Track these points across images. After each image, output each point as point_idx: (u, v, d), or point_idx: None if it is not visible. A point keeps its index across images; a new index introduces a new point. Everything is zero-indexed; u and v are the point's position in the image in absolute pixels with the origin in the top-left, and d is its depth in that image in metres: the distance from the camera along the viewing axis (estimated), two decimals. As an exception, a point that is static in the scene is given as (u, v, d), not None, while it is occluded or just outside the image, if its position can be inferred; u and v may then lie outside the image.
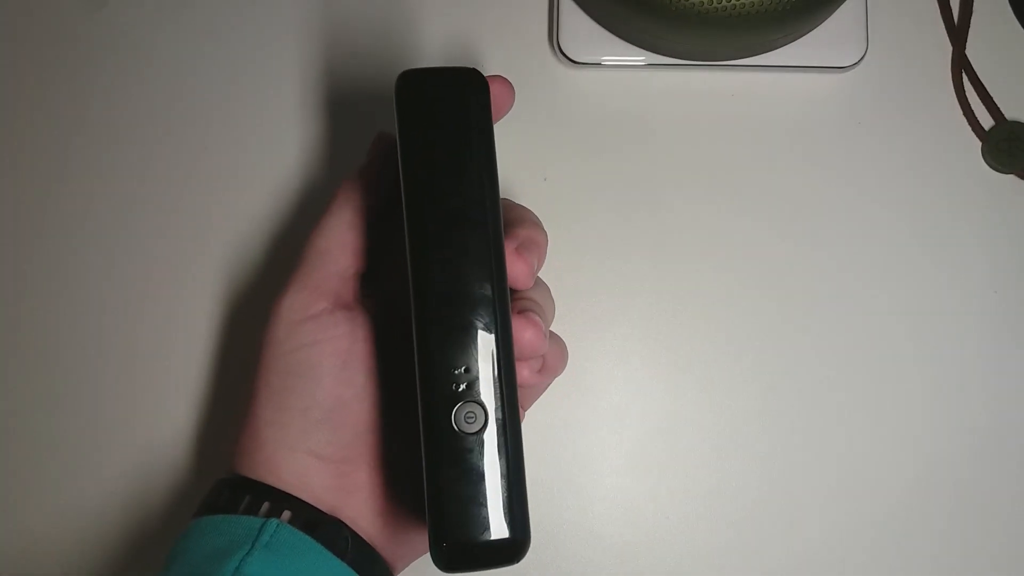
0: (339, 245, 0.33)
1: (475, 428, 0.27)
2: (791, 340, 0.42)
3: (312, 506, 0.31)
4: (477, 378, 0.28)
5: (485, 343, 0.28)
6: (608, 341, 0.42)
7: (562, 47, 0.43)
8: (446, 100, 0.29)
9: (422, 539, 0.34)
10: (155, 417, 0.41)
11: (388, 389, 0.33)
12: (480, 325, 0.28)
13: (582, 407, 0.42)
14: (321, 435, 0.32)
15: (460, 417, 0.27)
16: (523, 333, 0.30)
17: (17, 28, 0.44)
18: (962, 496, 0.41)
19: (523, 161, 0.43)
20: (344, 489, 0.32)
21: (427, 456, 0.27)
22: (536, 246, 0.32)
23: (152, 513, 0.41)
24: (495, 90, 0.30)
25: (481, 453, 0.27)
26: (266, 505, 0.31)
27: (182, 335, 0.42)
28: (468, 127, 0.29)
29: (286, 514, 0.31)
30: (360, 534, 0.32)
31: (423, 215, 0.28)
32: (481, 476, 0.27)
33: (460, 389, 0.27)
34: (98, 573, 0.40)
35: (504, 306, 0.28)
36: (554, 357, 0.33)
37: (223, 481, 0.33)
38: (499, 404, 0.28)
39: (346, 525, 0.32)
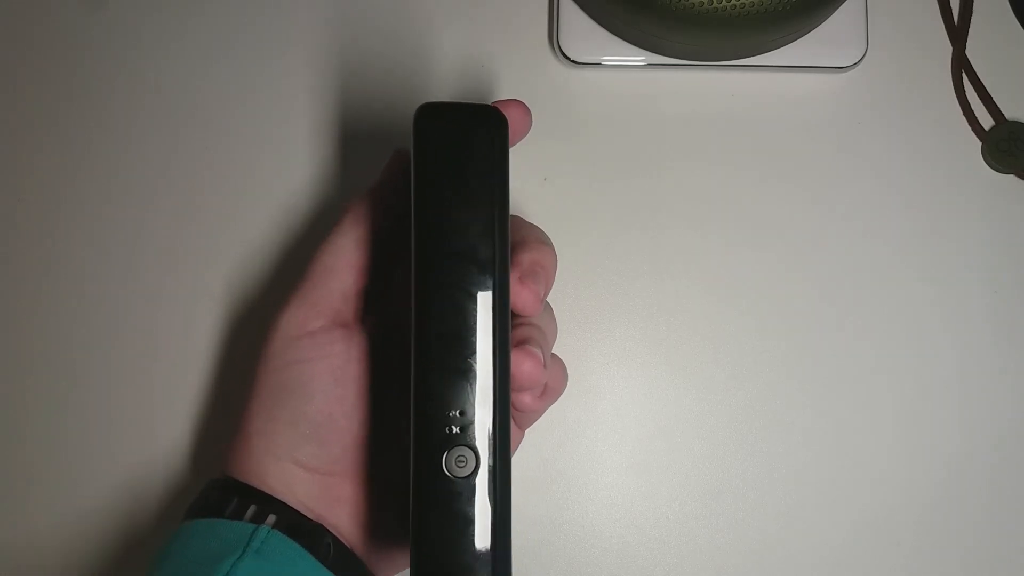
0: (344, 263, 0.33)
1: (465, 472, 0.27)
2: (790, 340, 0.42)
3: (296, 511, 0.32)
4: (471, 422, 0.27)
5: (482, 388, 0.27)
6: (608, 342, 0.42)
7: (562, 47, 0.43)
8: (465, 137, 0.28)
9: (403, 555, 0.34)
10: (154, 419, 0.41)
11: (380, 408, 0.33)
12: (478, 369, 0.27)
13: (582, 407, 0.42)
14: (308, 448, 0.32)
15: (451, 460, 0.27)
16: (522, 366, 0.29)
17: (17, 28, 0.44)
18: (960, 496, 0.41)
19: (523, 161, 0.43)
20: (328, 500, 0.32)
21: (415, 496, 0.27)
22: (543, 271, 0.31)
23: (148, 514, 0.40)
24: (512, 116, 0.30)
25: (470, 498, 0.27)
26: (252, 508, 0.31)
27: (186, 339, 0.42)
28: (484, 166, 0.28)
29: (271, 518, 0.31)
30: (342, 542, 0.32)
31: (430, 252, 0.28)
32: (468, 521, 0.27)
33: (453, 432, 0.27)
34: (95, 572, 0.40)
35: (504, 350, 0.28)
36: (555, 380, 0.33)
37: (214, 482, 0.33)
38: (491, 450, 0.27)
39: (329, 531, 0.32)
